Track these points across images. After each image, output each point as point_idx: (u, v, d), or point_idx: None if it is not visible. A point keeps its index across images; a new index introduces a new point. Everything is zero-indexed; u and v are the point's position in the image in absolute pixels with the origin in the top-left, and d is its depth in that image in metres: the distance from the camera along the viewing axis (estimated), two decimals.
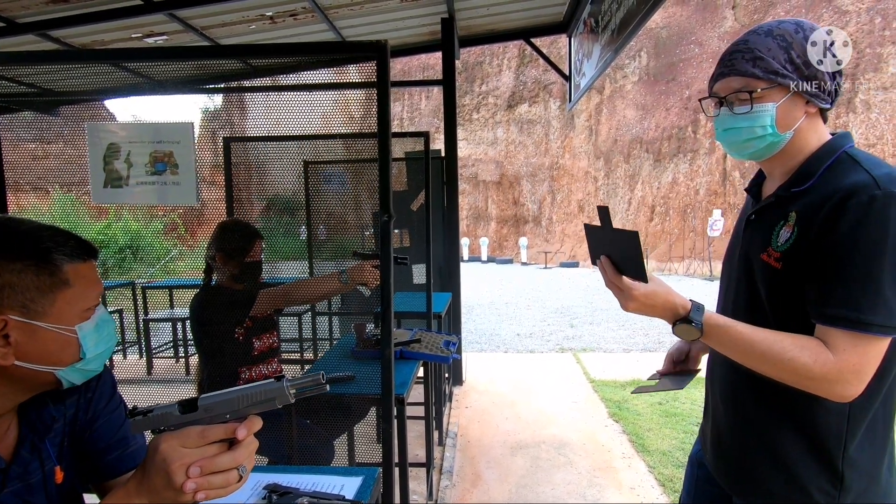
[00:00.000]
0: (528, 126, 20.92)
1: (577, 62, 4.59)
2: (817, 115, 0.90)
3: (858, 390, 0.79)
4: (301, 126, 1.93)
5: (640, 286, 0.85)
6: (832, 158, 0.86)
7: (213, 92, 2.24)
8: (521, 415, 3.70)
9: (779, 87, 0.86)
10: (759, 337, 0.83)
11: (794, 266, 0.84)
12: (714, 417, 1.04)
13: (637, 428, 3.40)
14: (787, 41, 0.86)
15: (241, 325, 1.86)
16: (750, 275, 0.92)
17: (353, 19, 4.14)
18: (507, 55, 21.16)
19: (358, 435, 2.58)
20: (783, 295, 0.86)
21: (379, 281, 1.37)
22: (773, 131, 0.88)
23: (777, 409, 0.90)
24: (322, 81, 1.88)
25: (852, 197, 0.78)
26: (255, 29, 4.12)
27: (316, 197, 3.71)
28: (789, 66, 0.85)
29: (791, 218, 0.86)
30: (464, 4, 4.11)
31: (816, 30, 0.86)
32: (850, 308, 0.77)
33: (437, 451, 3.04)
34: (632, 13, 2.90)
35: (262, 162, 2.86)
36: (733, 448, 0.98)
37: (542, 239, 20.44)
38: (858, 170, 0.81)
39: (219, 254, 1.86)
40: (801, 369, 0.79)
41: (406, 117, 23.45)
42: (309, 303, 1.72)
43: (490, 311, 8.84)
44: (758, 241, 0.92)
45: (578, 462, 2.95)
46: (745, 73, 0.87)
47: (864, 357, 0.78)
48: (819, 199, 0.82)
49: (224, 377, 1.88)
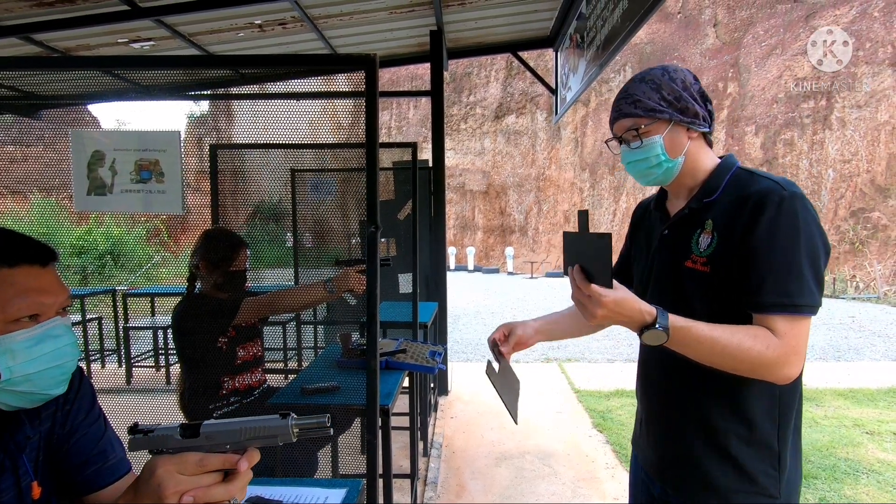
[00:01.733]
0: (514, 137, 21.12)
1: (563, 76, 4.67)
2: (701, 139, 1.03)
3: (799, 369, 0.90)
4: (288, 134, 1.94)
5: (609, 293, 0.86)
6: (730, 173, 1.00)
7: (200, 98, 2.22)
8: (506, 425, 3.70)
9: (659, 122, 1.00)
10: (718, 333, 0.88)
11: (721, 266, 0.94)
12: (652, 421, 1.10)
13: (621, 438, 3.42)
14: (657, 83, 1.00)
15: (224, 335, 1.84)
16: (676, 285, 1.01)
17: (342, 29, 4.16)
18: (495, 67, 21.40)
19: (342, 446, 2.55)
20: (715, 294, 0.95)
21: (365, 287, 1.37)
22: (666, 158, 1.01)
23: (717, 402, 0.97)
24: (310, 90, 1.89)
25: (766, 199, 0.90)
26: (243, 37, 4.11)
27: (302, 205, 3.70)
28: (663, 102, 0.99)
29: (708, 225, 0.98)
30: (452, 17, 4.16)
31: (679, 70, 1.01)
32: (782, 294, 0.87)
33: (422, 462, 3.02)
34: (616, 30, 2.97)
35: (249, 169, 2.85)
36: (676, 448, 1.03)
37: (528, 249, 20.56)
38: (760, 179, 0.95)
39: (203, 262, 1.84)
40: (757, 357, 0.87)
41: (394, 126, 23.50)
42: (294, 312, 1.71)
43: (476, 320, 8.84)
44: (678, 252, 1.02)
45: (562, 473, 2.96)
46: (629, 115, 1.01)
47: (800, 337, 0.88)
48: (731, 205, 0.95)
49: (206, 387, 1.85)
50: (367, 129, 1.29)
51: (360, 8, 3.77)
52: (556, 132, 20.03)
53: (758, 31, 14.77)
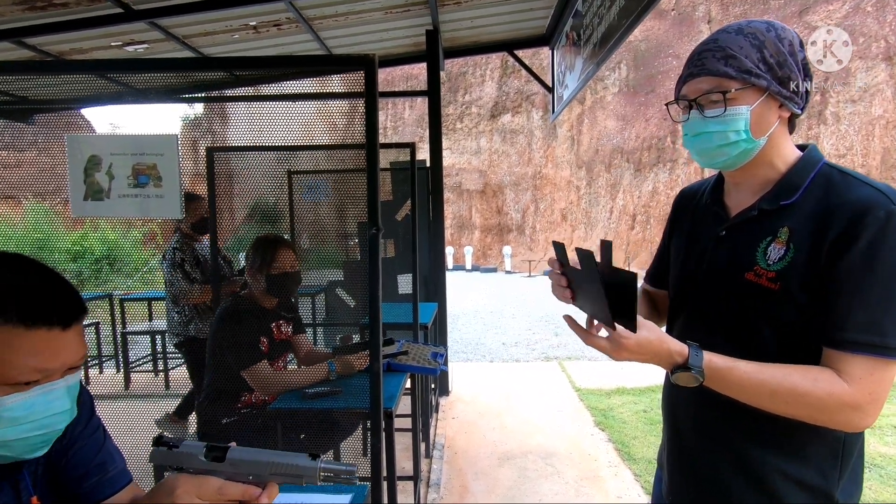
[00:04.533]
0: (511, 136, 21.13)
1: (559, 74, 4.66)
2: (785, 122, 0.85)
3: (874, 419, 0.74)
4: (284, 135, 1.92)
5: (631, 336, 0.75)
6: (815, 170, 0.81)
7: (196, 101, 2.20)
8: (508, 425, 3.69)
9: (753, 89, 0.80)
10: (767, 375, 0.75)
11: (796, 286, 0.77)
12: (682, 457, 0.94)
13: (623, 436, 3.42)
14: (760, 39, 0.80)
15: (266, 336, 1.87)
16: (732, 299, 0.84)
17: (338, 30, 4.14)
18: (490, 66, 21.39)
19: (344, 449, 2.54)
20: (782, 318, 0.79)
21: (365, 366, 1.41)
22: (748, 137, 0.81)
23: (761, 439, 0.82)
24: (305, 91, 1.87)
25: (868, 213, 0.72)
26: (238, 39, 4.09)
27: (300, 206, 3.68)
28: (762, 65, 0.79)
29: (782, 234, 0.79)
30: (448, 17, 4.15)
31: (787, 29, 0.82)
32: (874, 333, 0.72)
33: (425, 464, 3.01)
34: (613, 27, 2.96)
35: (246, 171, 2.83)
36: (712, 492, 0.88)
37: (525, 247, 20.57)
38: (858, 185, 0.76)
39: (248, 268, 1.92)
40: (816, 403, 0.73)
41: (390, 126, 23.47)
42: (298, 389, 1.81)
43: (475, 320, 8.84)
44: (737, 259, 0.84)
45: (565, 472, 2.95)
46: (716, 73, 0.81)
47: (881, 383, 0.73)
48: (817, 213, 0.77)
49: (225, 394, 1.85)
50: (368, 129, 1.27)
51: (356, 8, 3.75)
52: (551, 130, 20.04)
53: None
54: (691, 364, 0.76)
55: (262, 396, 1.87)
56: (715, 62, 0.81)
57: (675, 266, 1.00)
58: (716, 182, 0.96)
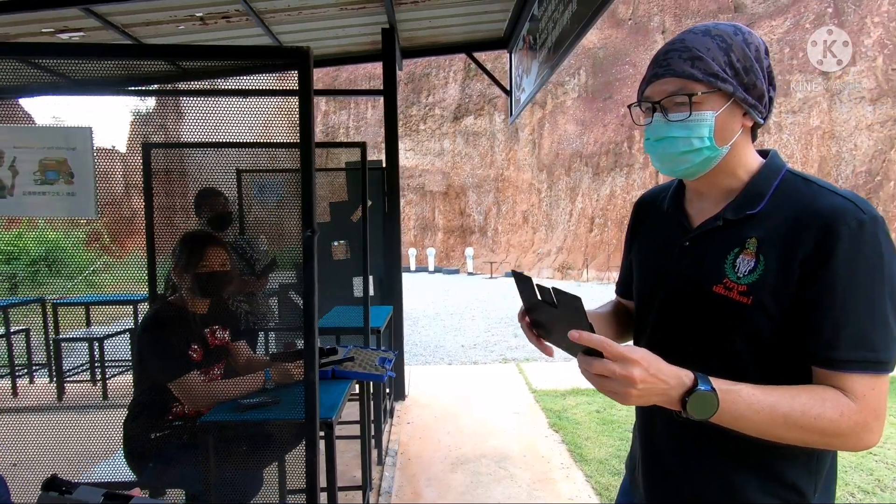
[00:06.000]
0: (473, 138, 21.26)
1: (517, 77, 4.69)
2: (748, 130, 0.81)
3: (880, 436, 0.71)
4: (237, 133, 1.82)
5: (636, 349, 0.69)
6: (779, 178, 0.79)
7: (124, 94, 2.06)
8: (464, 428, 3.66)
9: (718, 94, 0.76)
10: (775, 396, 0.69)
11: (767, 300, 0.74)
12: (665, 473, 0.88)
13: (576, 437, 3.45)
14: (727, 43, 0.77)
15: (199, 342, 1.75)
16: (702, 312, 0.80)
17: (291, 25, 4.02)
18: (453, 68, 21.46)
19: (292, 458, 2.44)
20: (757, 332, 0.75)
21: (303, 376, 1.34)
22: (711, 144, 0.77)
23: (746, 462, 0.79)
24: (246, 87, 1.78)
25: (839, 223, 0.70)
26: (184, 30, 3.90)
27: (250, 206, 3.54)
28: (729, 69, 0.76)
29: (750, 245, 0.76)
30: (405, 16, 4.10)
31: (754, 35, 0.79)
32: (867, 349, 0.69)
33: (376, 471, 2.94)
34: (567, 31, 2.99)
35: (191, 169, 2.69)
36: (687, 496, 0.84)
37: (487, 249, 20.73)
38: (825, 193, 0.74)
39: (174, 267, 1.79)
40: (829, 427, 0.68)
41: (352, 126, 23.16)
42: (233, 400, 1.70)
43: (435, 322, 8.80)
44: (703, 271, 0.80)
45: (518, 475, 2.95)
46: (682, 75, 0.77)
47: (882, 399, 0.70)
48: (785, 223, 0.74)
49: (153, 407, 1.73)
50: (302, 128, 1.21)
51: (308, 3, 3.65)
52: (513, 134, 20.29)
53: None
54: (701, 383, 0.68)
55: (193, 408, 1.76)
56: (681, 63, 0.77)
57: (637, 277, 0.95)
58: (676, 189, 0.91)
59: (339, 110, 23.48)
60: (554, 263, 17.12)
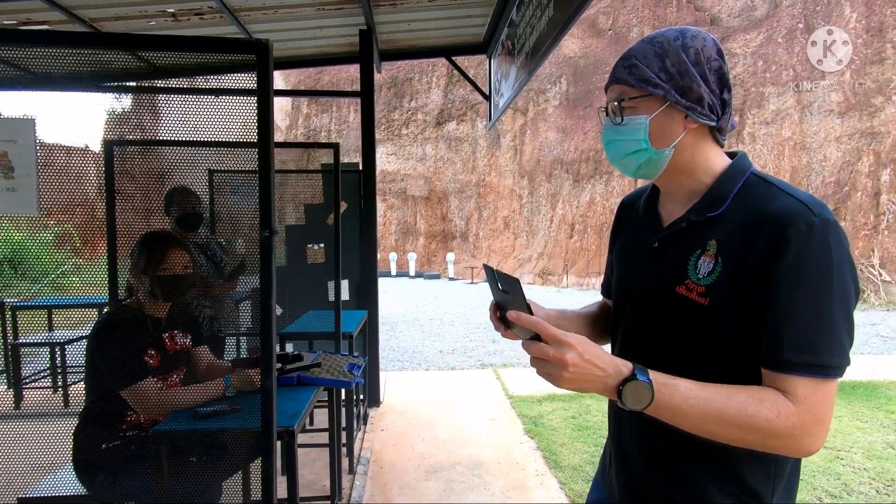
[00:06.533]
0: (455, 143, 21.30)
1: (496, 82, 4.69)
2: (707, 133, 0.82)
3: (822, 442, 0.71)
4: (212, 132, 1.75)
5: (570, 334, 0.70)
6: (742, 180, 0.80)
7: (91, 91, 1.96)
8: (439, 435, 3.61)
9: (652, 98, 0.79)
10: (711, 392, 0.70)
11: (724, 302, 0.74)
12: (628, 467, 0.90)
13: (551, 444, 3.43)
14: (664, 48, 0.79)
15: (156, 348, 1.67)
16: (664, 312, 0.82)
17: (267, 24, 3.95)
18: (436, 73, 21.50)
19: (256, 468, 2.36)
20: (713, 334, 0.76)
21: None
22: (647, 146, 0.81)
23: (706, 464, 0.80)
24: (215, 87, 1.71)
25: (791, 225, 0.70)
26: (155, 26, 3.80)
27: (222, 208, 3.44)
28: (663, 74, 0.78)
29: (711, 247, 0.77)
30: (383, 18, 4.07)
31: (700, 37, 0.80)
32: (809, 352, 0.69)
33: (347, 480, 2.87)
34: (543, 37, 2.99)
35: (160, 168, 2.60)
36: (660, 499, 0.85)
37: (469, 254, 20.74)
38: (782, 195, 0.75)
39: (132, 269, 1.72)
40: (765, 427, 0.69)
41: (334, 129, 22.99)
42: (192, 408, 1.62)
43: (414, 327, 8.73)
44: (669, 272, 0.82)
45: (492, 483, 2.91)
46: (621, 82, 0.82)
47: (825, 404, 0.70)
48: (743, 225, 0.75)
49: (105, 416, 1.65)
50: (260, 127, 1.16)
51: (285, 2, 3.59)
52: (495, 140, 20.40)
53: None
54: (638, 373, 0.70)
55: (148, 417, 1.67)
56: (621, 71, 0.82)
57: (615, 278, 0.97)
58: (651, 191, 0.94)
59: (321, 113, 23.30)
60: (535, 269, 17.20)
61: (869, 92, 12.19)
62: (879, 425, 3.78)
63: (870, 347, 6.84)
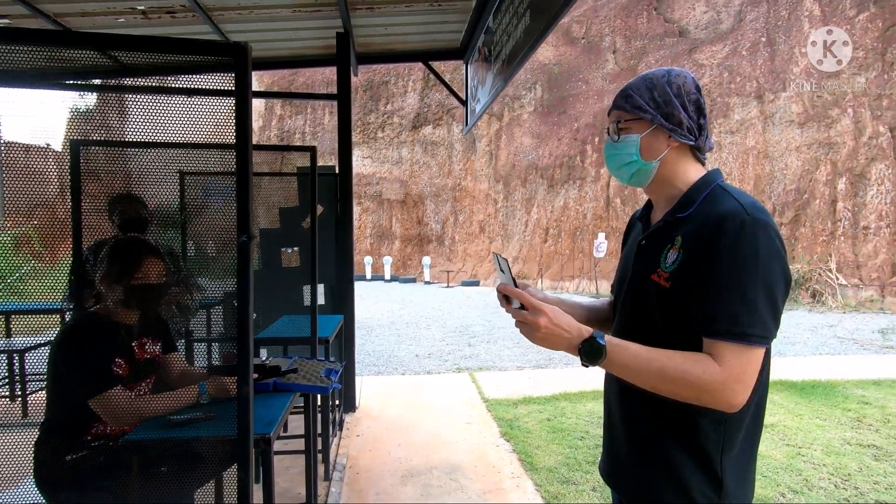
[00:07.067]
0: (432, 147, 21.33)
1: (472, 88, 4.73)
2: (687, 151, 1.02)
3: (744, 399, 0.87)
4: (180, 133, 1.71)
5: (545, 304, 0.91)
6: (708, 190, 0.98)
7: (53, 88, 1.88)
8: (415, 440, 3.60)
9: (642, 121, 1.00)
10: (654, 354, 0.89)
11: (680, 285, 0.92)
12: (613, 437, 1.10)
13: (526, 446, 3.46)
14: (653, 83, 1.01)
15: (124, 356, 1.61)
16: (642, 296, 1.00)
17: (242, 24, 3.90)
18: (413, 77, 21.52)
19: (230, 476, 2.30)
20: (673, 312, 0.94)
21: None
22: (638, 158, 1.01)
23: (667, 424, 0.96)
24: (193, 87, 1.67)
25: (726, 222, 0.88)
26: (123, 23, 3.70)
27: (194, 211, 3.36)
28: (651, 103, 0.99)
29: (677, 241, 0.95)
30: (361, 21, 4.06)
31: (682, 76, 1.01)
32: (732, 322, 0.85)
33: (322, 487, 2.83)
34: (520, 44, 3.04)
35: (128, 170, 2.52)
36: (631, 464, 1.03)
37: (444, 258, 20.77)
38: (728, 199, 0.93)
39: (102, 276, 1.64)
40: (694, 381, 0.86)
41: (308, 132, 22.73)
42: (164, 415, 1.54)
43: (390, 331, 8.69)
44: (649, 264, 1.00)
45: (469, 486, 2.92)
46: (619, 108, 1.03)
47: (746, 366, 0.86)
48: (699, 224, 0.93)
49: (67, 427, 1.58)
50: (238, 129, 1.14)
51: (260, 2, 3.55)
52: (471, 144, 20.52)
53: (650, 60, 16.24)
54: (596, 336, 0.89)
55: (115, 427, 1.62)
56: (620, 100, 1.04)
57: (617, 272, 1.18)
58: (647, 202, 1.14)
59: (295, 115, 23.00)
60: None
61: (826, 104, 12.78)
62: (837, 423, 3.95)
63: (828, 348, 7.14)
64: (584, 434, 3.68)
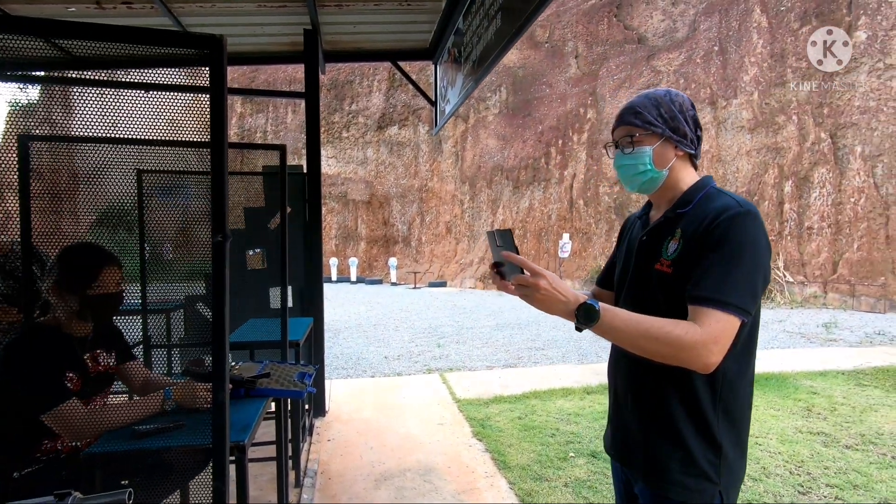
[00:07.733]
0: (397, 148, 21.22)
1: (442, 88, 4.73)
2: (687, 158, 1.18)
3: (717, 360, 0.98)
4: (135, 129, 1.62)
5: (545, 270, 1.00)
6: (704, 191, 1.15)
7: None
8: (387, 443, 3.57)
9: (653, 134, 1.15)
10: (641, 318, 1.01)
11: (681, 269, 1.07)
12: (620, 413, 1.21)
13: (499, 445, 3.49)
14: (658, 101, 1.16)
15: (76, 370, 1.50)
16: (647, 283, 1.14)
17: (203, 17, 3.76)
18: (377, 77, 21.35)
19: (197, 484, 2.21)
20: (675, 294, 1.07)
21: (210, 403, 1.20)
22: (652, 167, 1.16)
23: (667, 385, 1.08)
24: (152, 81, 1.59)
25: (723, 213, 1.03)
26: (75, 12, 3.50)
27: (153, 211, 3.21)
28: (659, 119, 1.15)
29: (678, 234, 1.10)
30: (328, 18, 3.99)
31: (680, 95, 1.17)
32: (715, 292, 0.99)
33: (294, 494, 2.76)
34: (490, 47, 3.06)
35: (81, 168, 2.38)
36: (640, 436, 1.14)
37: (411, 259, 20.69)
38: (723, 197, 1.09)
39: (54, 285, 1.52)
40: (675, 340, 0.97)
41: (270, 130, 22.19)
42: (126, 427, 1.42)
43: (357, 333, 8.58)
44: (651, 255, 1.15)
45: (443, 487, 2.91)
46: (629, 124, 1.17)
47: (723, 331, 0.97)
48: (698, 218, 1.08)
49: (14, 443, 1.47)
50: (213, 126, 1.10)
51: None
52: (437, 145, 20.53)
53: (610, 65, 16.71)
54: (590, 302, 0.98)
55: (70, 442, 1.52)
56: (629, 116, 1.17)
57: (617, 267, 1.31)
58: (646, 205, 1.30)
59: (257, 113, 22.40)
60: (476, 273, 17.45)
61: (773, 111, 13.50)
62: (790, 412, 4.17)
63: (778, 342, 7.54)
64: (554, 431, 3.73)
